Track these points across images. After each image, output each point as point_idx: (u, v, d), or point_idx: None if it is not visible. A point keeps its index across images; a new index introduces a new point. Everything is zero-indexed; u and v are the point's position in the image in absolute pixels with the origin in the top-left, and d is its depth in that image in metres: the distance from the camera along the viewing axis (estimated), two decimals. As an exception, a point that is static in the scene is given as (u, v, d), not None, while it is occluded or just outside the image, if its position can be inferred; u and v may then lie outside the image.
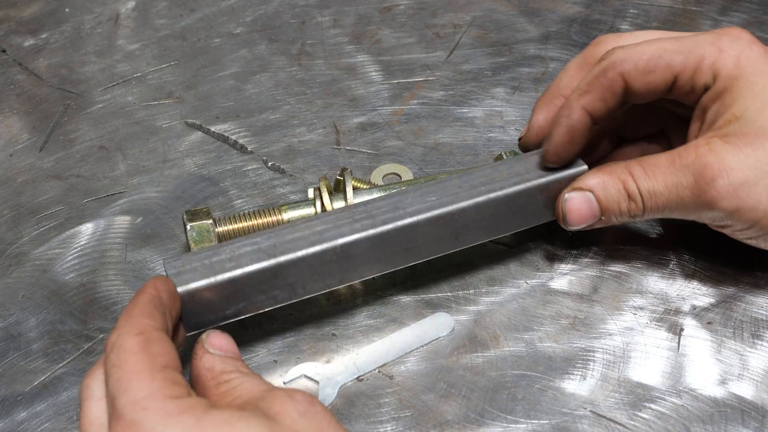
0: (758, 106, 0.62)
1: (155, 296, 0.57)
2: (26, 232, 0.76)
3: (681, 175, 0.63)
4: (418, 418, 0.63)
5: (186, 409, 0.51)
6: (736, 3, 0.92)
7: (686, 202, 0.63)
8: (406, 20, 0.92)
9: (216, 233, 0.69)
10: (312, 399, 0.53)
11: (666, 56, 0.64)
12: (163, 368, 0.52)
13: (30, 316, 0.70)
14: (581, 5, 0.93)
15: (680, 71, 0.64)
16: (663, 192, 0.63)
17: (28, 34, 0.93)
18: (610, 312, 0.69)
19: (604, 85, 0.64)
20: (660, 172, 0.63)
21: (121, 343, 0.53)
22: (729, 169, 0.61)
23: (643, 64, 0.64)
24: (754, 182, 0.61)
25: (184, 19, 0.94)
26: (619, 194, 0.65)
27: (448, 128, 0.82)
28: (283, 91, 0.87)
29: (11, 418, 0.64)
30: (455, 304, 0.70)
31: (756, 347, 0.66)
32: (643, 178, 0.64)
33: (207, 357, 0.57)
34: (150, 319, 0.55)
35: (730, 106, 0.63)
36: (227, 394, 0.55)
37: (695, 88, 0.65)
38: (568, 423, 0.63)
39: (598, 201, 0.65)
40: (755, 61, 0.63)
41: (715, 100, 0.64)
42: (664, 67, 0.64)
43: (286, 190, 0.78)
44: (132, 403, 0.51)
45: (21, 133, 0.84)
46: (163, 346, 0.54)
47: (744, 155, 0.61)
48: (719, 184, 0.61)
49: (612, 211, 0.65)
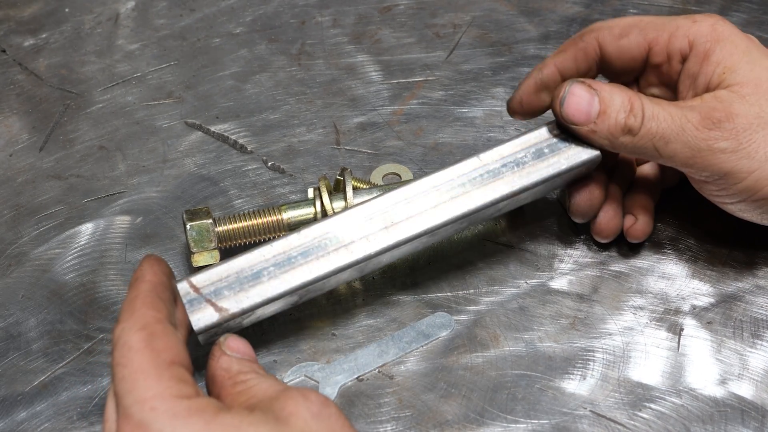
0: (748, 59, 0.64)
1: (156, 283, 0.57)
2: (26, 232, 0.76)
3: (687, 110, 0.63)
4: (418, 417, 0.63)
5: (195, 411, 0.50)
6: (736, 3, 0.92)
7: (687, 135, 0.62)
8: (406, 20, 0.92)
9: (216, 233, 0.69)
10: (326, 400, 0.53)
11: (641, 25, 0.67)
12: (169, 365, 0.52)
13: (30, 316, 0.70)
14: (581, 5, 0.93)
15: (654, 39, 0.66)
16: (666, 118, 0.62)
17: (28, 34, 0.93)
18: (610, 312, 0.69)
19: (578, 46, 0.67)
20: (666, 104, 0.63)
21: (125, 339, 0.53)
22: (735, 114, 0.62)
23: (618, 29, 0.67)
24: (755, 130, 0.62)
25: (184, 19, 0.94)
26: (622, 105, 0.63)
27: (447, 128, 0.82)
28: (282, 91, 0.87)
29: (11, 418, 0.64)
30: (455, 304, 0.70)
31: (756, 347, 0.66)
32: (649, 103, 0.63)
33: (224, 358, 0.57)
34: (153, 310, 0.54)
35: (718, 63, 0.64)
36: (242, 394, 0.54)
37: (671, 56, 0.66)
38: (568, 423, 0.63)
39: (600, 101, 0.63)
40: (730, 28, 0.65)
41: (702, 62, 0.65)
42: (637, 32, 0.66)
43: (285, 190, 0.78)
44: (139, 402, 0.50)
45: (21, 133, 0.84)
46: (168, 340, 0.53)
47: (748, 104, 0.62)
48: (725, 125, 0.62)
49: (609, 116, 0.63)
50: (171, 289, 0.59)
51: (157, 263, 0.59)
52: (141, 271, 0.58)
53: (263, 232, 0.70)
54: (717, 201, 0.66)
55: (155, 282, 0.57)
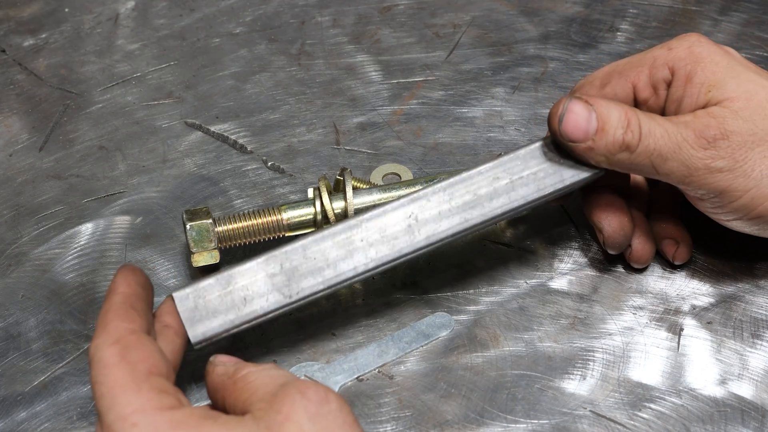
0: (732, 74, 0.63)
1: (128, 294, 0.56)
2: (26, 232, 0.76)
3: (682, 127, 0.62)
4: (418, 418, 0.63)
5: (178, 423, 0.49)
6: (736, 3, 0.92)
7: (683, 153, 0.62)
8: (405, 20, 0.92)
9: (216, 233, 0.69)
10: (326, 396, 0.51)
11: (618, 69, 0.67)
12: (147, 376, 0.51)
13: (30, 316, 0.70)
14: (581, 5, 0.93)
15: (635, 77, 0.66)
16: (662, 135, 0.62)
17: (27, 34, 0.93)
18: (610, 312, 0.69)
19: None
20: (662, 120, 0.63)
21: (99, 356, 0.52)
22: (729, 131, 0.62)
23: (598, 81, 0.67)
24: (750, 147, 0.62)
25: (184, 19, 0.94)
26: (620, 121, 0.63)
27: (447, 128, 0.82)
28: (282, 91, 0.87)
29: (11, 418, 0.64)
30: (455, 304, 0.70)
31: (756, 347, 0.66)
32: (646, 118, 0.63)
33: (219, 367, 0.56)
34: (126, 321, 0.54)
35: (702, 83, 0.64)
36: (245, 390, 0.53)
37: (656, 88, 0.66)
38: (568, 423, 0.63)
39: (598, 117, 0.63)
40: (708, 46, 0.65)
41: (685, 85, 0.64)
42: (617, 77, 0.66)
43: (285, 190, 0.78)
44: (121, 419, 0.49)
45: (21, 133, 0.84)
46: (143, 351, 0.52)
47: (741, 119, 0.62)
48: (720, 144, 0.61)
49: (607, 133, 0.62)
50: (147, 300, 0.58)
51: (131, 273, 0.58)
52: (114, 284, 0.57)
53: (263, 232, 0.70)
54: (713, 216, 0.66)
55: (128, 293, 0.56)
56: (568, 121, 0.63)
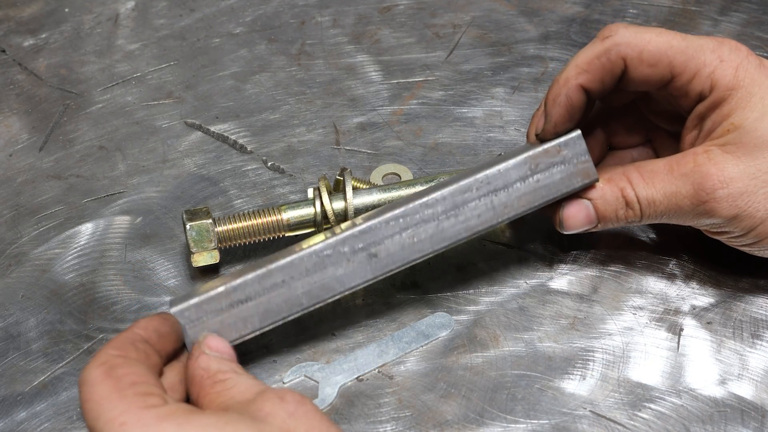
0: (756, 115, 0.62)
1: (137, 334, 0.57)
2: (26, 232, 0.76)
3: (680, 183, 0.63)
4: (418, 418, 0.64)
5: (165, 417, 0.50)
6: (736, 3, 0.92)
7: (685, 210, 0.63)
8: (405, 20, 0.92)
9: (216, 233, 0.69)
10: (302, 399, 0.53)
11: (671, 53, 0.63)
12: (131, 385, 0.52)
13: (30, 316, 0.70)
14: (581, 5, 0.93)
15: (680, 72, 0.64)
16: (662, 200, 0.63)
17: (27, 34, 0.93)
18: (610, 312, 0.69)
19: (606, 68, 0.64)
20: (659, 179, 0.64)
21: (85, 377, 0.53)
22: (729, 179, 0.62)
23: (648, 54, 0.63)
24: (752, 191, 0.62)
25: (184, 19, 0.94)
26: (617, 202, 0.65)
27: (447, 128, 0.82)
28: (282, 91, 0.87)
29: (11, 418, 0.64)
30: (455, 304, 0.70)
31: (756, 347, 0.66)
32: (642, 185, 0.64)
33: (203, 357, 0.57)
34: (117, 350, 0.54)
35: (728, 115, 0.63)
36: (221, 394, 0.55)
37: (689, 94, 0.64)
38: (568, 423, 0.63)
39: (595, 209, 0.66)
40: (752, 72, 0.63)
41: (713, 109, 0.64)
42: (666, 64, 0.63)
43: (285, 190, 0.78)
44: (109, 422, 0.50)
45: (21, 133, 0.84)
46: (128, 367, 0.53)
47: (743, 165, 0.62)
48: (719, 194, 0.62)
49: (609, 218, 0.66)
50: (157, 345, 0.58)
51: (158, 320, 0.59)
52: (134, 322, 0.58)
53: (263, 232, 0.70)
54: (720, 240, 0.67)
55: (137, 333, 0.57)
56: (570, 225, 0.66)
